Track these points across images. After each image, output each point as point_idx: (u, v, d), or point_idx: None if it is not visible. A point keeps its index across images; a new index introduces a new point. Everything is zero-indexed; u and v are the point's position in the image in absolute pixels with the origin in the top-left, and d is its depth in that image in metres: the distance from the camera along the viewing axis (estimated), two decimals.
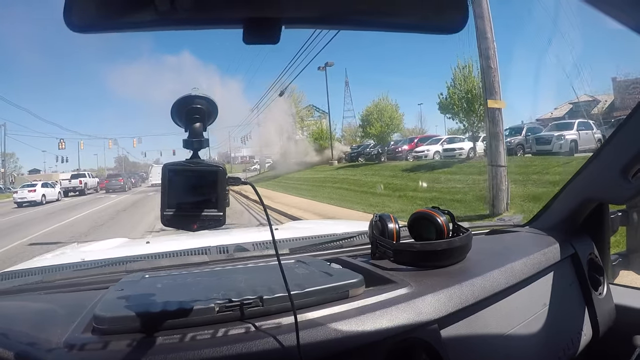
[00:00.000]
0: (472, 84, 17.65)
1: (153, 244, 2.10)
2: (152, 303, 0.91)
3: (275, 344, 0.82)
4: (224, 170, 0.77)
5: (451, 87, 18.29)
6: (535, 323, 1.23)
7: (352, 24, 0.75)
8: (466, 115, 17.89)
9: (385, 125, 23.57)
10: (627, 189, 1.29)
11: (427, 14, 0.72)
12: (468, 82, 17.76)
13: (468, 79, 17.72)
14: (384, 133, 23.60)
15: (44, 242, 9.80)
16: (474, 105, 17.59)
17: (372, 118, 23.84)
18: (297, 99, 39.89)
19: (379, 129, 23.43)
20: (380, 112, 23.78)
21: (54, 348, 0.81)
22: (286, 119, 39.42)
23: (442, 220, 1.27)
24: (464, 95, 17.71)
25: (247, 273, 1.19)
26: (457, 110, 18.03)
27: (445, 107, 18.49)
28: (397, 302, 0.98)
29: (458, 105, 17.83)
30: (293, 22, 0.69)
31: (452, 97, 18.11)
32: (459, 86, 17.99)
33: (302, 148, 35.43)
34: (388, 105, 24.14)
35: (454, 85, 18.24)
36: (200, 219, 0.76)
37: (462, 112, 17.87)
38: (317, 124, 38.53)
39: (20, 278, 1.41)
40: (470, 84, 17.66)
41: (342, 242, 1.60)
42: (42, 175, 50.00)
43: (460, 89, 17.97)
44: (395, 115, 24.05)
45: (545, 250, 1.37)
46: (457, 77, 18.32)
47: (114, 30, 0.68)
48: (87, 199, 26.82)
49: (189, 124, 0.78)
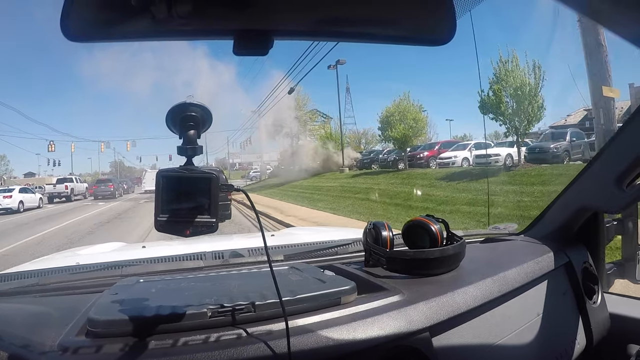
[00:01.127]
0: (521, 79, 15.42)
1: (149, 248, 2.13)
2: (146, 307, 0.93)
3: (267, 349, 0.83)
4: (217, 177, 0.77)
5: (494, 83, 15.97)
6: (528, 332, 1.23)
7: (341, 37, 0.78)
8: (514, 115, 15.54)
9: (409, 127, 20.80)
10: (622, 198, 1.30)
11: (416, 27, 0.73)
12: (515, 77, 15.52)
13: (514, 74, 15.43)
14: (407, 136, 20.82)
15: None
16: (524, 103, 15.34)
17: (393, 120, 21.01)
18: (301, 102, 37.13)
19: (401, 132, 20.62)
20: (402, 113, 20.95)
21: (47, 351, 0.81)
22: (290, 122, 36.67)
23: (435, 228, 1.27)
24: (513, 91, 15.34)
25: (241, 279, 1.19)
26: (503, 109, 15.59)
27: (488, 106, 16.02)
28: (389, 310, 0.98)
29: (505, 104, 15.49)
30: (284, 34, 0.71)
31: (498, 94, 15.65)
32: (504, 82, 15.73)
33: (307, 153, 32.74)
34: (411, 106, 21.16)
35: (498, 81, 15.92)
36: (194, 225, 0.77)
37: (510, 111, 15.50)
38: (324, 128, 35.79)
39: (15, 281, 1.41)
40: (519, 79, 15.41)
41: (337, 250, 1.60)
42: (36, 179, 49.05)
43: (507, 85, 15.65)
44: (420, 117, 21.17)
45: (539, 258, 1.37)
46: (501, 72, 15.98)
47: (109, 40, 0.73)
48: (72, 207, 23.80)
49: (183, 131, 0.79)
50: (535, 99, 15.48)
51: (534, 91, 15.46)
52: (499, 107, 15.79)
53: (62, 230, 12.65)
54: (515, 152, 18.04)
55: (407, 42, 0.78)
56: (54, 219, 16.94)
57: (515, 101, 15.54)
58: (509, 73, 15.81)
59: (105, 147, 57.80)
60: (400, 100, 21.67)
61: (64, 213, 19.68)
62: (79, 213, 19.01)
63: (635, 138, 1.24)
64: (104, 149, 58.05)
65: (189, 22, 0.64)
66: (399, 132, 20.72)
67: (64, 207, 23.70)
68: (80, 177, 40.55)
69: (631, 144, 1.25)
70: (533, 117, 15.65)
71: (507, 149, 18.79)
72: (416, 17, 0.72)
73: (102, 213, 18.75)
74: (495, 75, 16.33)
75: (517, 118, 15.81)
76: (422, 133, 22.07)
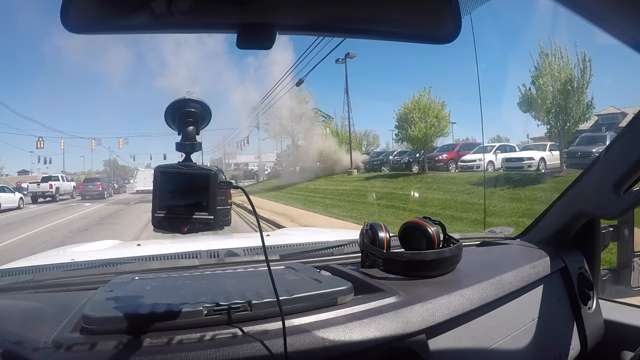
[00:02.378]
0: (568, 72, 13.53)
1: (144, 246, 2.10)
2: (141, 305, 0.92)
3: (263, 349, 0.82)
4: (216, 174, 0.77)
5: (537, 77, 14.02)
6: (523, 336, 1.22)
7: (345, 32, 0.77)
8: (560, 114, 13.60)
9: (430, 126, 18.66)
10: (619, 205, 1.30)
11: (421, 23, 0.72)
12: (564, 71, 13.63)
13: (564, 69, 13.54)
14: (428, 136, 18.65)
15: None
16: (572, 100, 13.42)
17: (413, 117, 18.87)
18: (303, 99, 34.83)
19: (423, 131, 18.48)
20: (423, 110, 18.81)
21: (41, 347, 0.80)
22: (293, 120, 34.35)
23: (432, 230, 1.27)
24: (562, 86, 13.39)
25: (236, 278, 1.19)
26: (550, 106, 13.62)
27: (530, 102, 14.06)
28: (385, 311, 0.98)
29: (551, 100, 13.54)
30: (287, 29, 0.71)
31: (544, 88, 13.67)
32: (549, 77, 13.80)
33: (311, 154, 30.60)
34: (432, 102, 19.07)
35: (542, 75, 13.99)
36: (191, 222, 0.76)
37: (557, 109, 13.55)
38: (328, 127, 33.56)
39: (9, 277, 1.39)
40: (565, 74, 13.50)
41: (333, 250, 1.59)
42: (29, 177, 47.26)
43: (553, 80, 13.72)
44: (442, 115, 18.97)
45: (535, 263, 1.37)
46: (545, 65, 14.04)
47: (110, 32, 0.70)
48: (54, 208, 21.35)
49: (182, 127, 0.79)
50: (583, 96, 13.67)
51: (582, 87, 13.62)
52: (544, 104, 13.85)
53: (30, 241, 10.41)
54: (548, 155, 16.54)
55: (412, 40, 0.76)
56: (28, 222, 14.67)
57: (563, 97, 13.60)
58: (551, 65, 13.96)
59: (96, 144, 55.84)
60: (420, 96, 19.55)
61: (42, 215, 17.41)
62: (59, 216, 16.68)
63: (634, 144, 1.26)
64: (95, 146, 56.07)
65: (191, 15, 0.65)
66: (421, 130, 18.59)
67: (45, 209, 21.23)
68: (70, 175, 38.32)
69: (629, 151, 1.26)
70: (580, 116, 13.82)
71: (540, 152, 16.95)
72: (421, 14, 0.71)
73: (85, 216, 16.46)
74: (536, 69, 14.45)
75: (563, 116, 13.90)
76: (444, 133, 19.94)
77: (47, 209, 20.84)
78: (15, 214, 19.16)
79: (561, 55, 14.02)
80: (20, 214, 19.19)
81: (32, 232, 12.06)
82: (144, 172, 35.98)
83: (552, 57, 14.23)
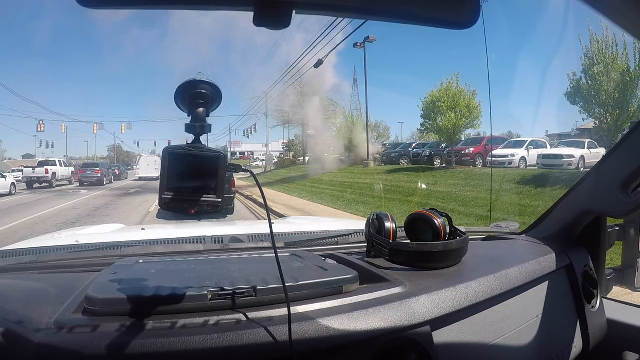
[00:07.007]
0: (624, 62, 11.98)
1: (148, 230, 2.10)
2: (144, 287, 0.90)
3: (267, 335, 0.81)
4: (225, 157, 0.76)
5: (589, 66, 12.32)
6: (526, 332, 1.21)
7: (364, 13, 0.75)
8: (616, 107, 11.95)
9: (461, 116, 16.91)
10: (627, 203, 1.27)
11: (441, 6, 0.71)
12: (615, 59, 11.97)
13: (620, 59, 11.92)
14: (458, 127, 16.90)
15: None
16: (628, 93, 11.88)
17: (441, 106, 17.11)
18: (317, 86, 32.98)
19: (453, 122, 16.73)
20: (453, 99, 16.99)
21: (43, 328, 0.79)
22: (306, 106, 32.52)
23: (439, 222, 1.26)
24: (620, 77, 11.71)
25: (241, 263, 1.16)
26: (605, 98, 11.93)
27: (582, 94, 12.37)
28: (390, 301, 0.97)
29: (606, 92, 11.85)
30: (305, 8, 0.69)
31: (599, 79, 11.95)
32: (604, 66, 12.09)
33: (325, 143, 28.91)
34: (462, 91, 17.25)
35: (595, 64, 12.28)
36: (199, 204, 0.75)
37: (612, 102, 11.88)
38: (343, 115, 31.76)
39: (13, 257, 1.38)
40: (625, 63, 11.88)
41: (338, 239, 1.57)
42: (33, 161, 45.14)
43: (609, 68, 12.00)
44: (474, 105, 17.11)
45: (541, 259, 1.34)
46: (597, 52, 12.36)
47: (125, 7, 0.69)
48: (48, 195, 19.77)
49: (192, 109, 0.78)
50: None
51: None
52: (598, 96, 12.15)
53: (6, 236, 8.81)
54: (587, 153, 14.94)
55: (430, 23, 0.73)
56: (12, 212, 13.16)
57: (619, 90, 11.92)
58: (603, 53, 12.26)
59: (99, 129, 54.17)
60: (449, 84, 17.74)
61: (33, 203, 15.91)
62: (49, 205, 15.16)
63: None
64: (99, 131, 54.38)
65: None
66: (451, 121, 16.82)
67: (38, 196, 19.56)
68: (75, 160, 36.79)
69: (639, 149, 1.23)
70: (636, 111, 12.19)
71: (579, 150, 15.50)
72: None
73: (78, 206, 14.91)
74: (587, 57, 12.71)
75: (617, 111, 12.22)
76: (475, 125, 18.16)
77: (39, 196, 19.17)
78: (6, 200, 17.63)
79: (615, 43, 12.36)
80: (10, 200, 17.69)
81: (14, 224, 10.54)
82: (147, 159, 34.48)
83: (602, 44, 12.54)
